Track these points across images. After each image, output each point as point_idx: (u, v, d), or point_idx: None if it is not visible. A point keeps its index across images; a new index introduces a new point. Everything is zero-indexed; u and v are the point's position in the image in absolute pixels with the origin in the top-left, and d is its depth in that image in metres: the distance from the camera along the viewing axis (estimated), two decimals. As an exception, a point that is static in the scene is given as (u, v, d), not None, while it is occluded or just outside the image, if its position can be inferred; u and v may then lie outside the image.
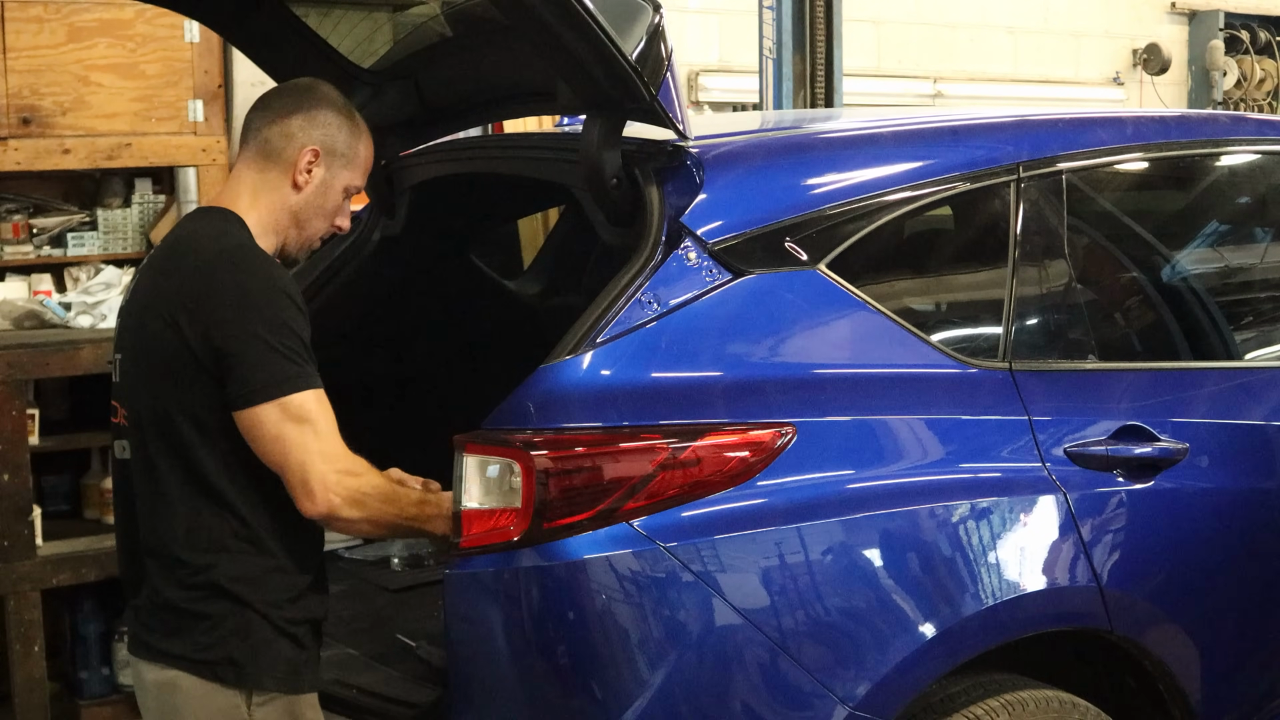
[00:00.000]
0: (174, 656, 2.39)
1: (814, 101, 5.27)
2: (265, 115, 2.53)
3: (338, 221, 2.60)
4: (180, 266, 2.41)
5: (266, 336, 2.32)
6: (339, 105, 2.57)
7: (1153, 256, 3.18)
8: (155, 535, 2.41)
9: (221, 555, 2.37)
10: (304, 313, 2.40)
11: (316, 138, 2.51)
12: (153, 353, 2.39)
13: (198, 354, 2.33)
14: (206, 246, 2.41)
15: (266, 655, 2.38)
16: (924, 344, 2.61)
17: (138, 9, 4.56)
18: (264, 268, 2.40)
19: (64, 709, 4.46)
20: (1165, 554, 2.75)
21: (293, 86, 2.60)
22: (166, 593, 2.40)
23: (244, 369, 2.31)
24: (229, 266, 2.36)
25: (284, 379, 2.31)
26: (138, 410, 2.44)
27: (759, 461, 2.37)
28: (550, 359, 2.34)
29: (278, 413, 2.31)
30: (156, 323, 2.38)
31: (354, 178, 2.58)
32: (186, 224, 2.57)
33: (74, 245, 4.76)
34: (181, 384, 2.35)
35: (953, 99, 8.27)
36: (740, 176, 2.60)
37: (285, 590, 2.41)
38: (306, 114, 2.52)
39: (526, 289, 3.97)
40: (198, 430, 2.36)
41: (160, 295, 2.40)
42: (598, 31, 2.31)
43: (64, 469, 4.66)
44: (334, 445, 2.34)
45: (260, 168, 2.51)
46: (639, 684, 2.30)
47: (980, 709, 2.55)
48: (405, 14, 3.02)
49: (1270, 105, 9.84)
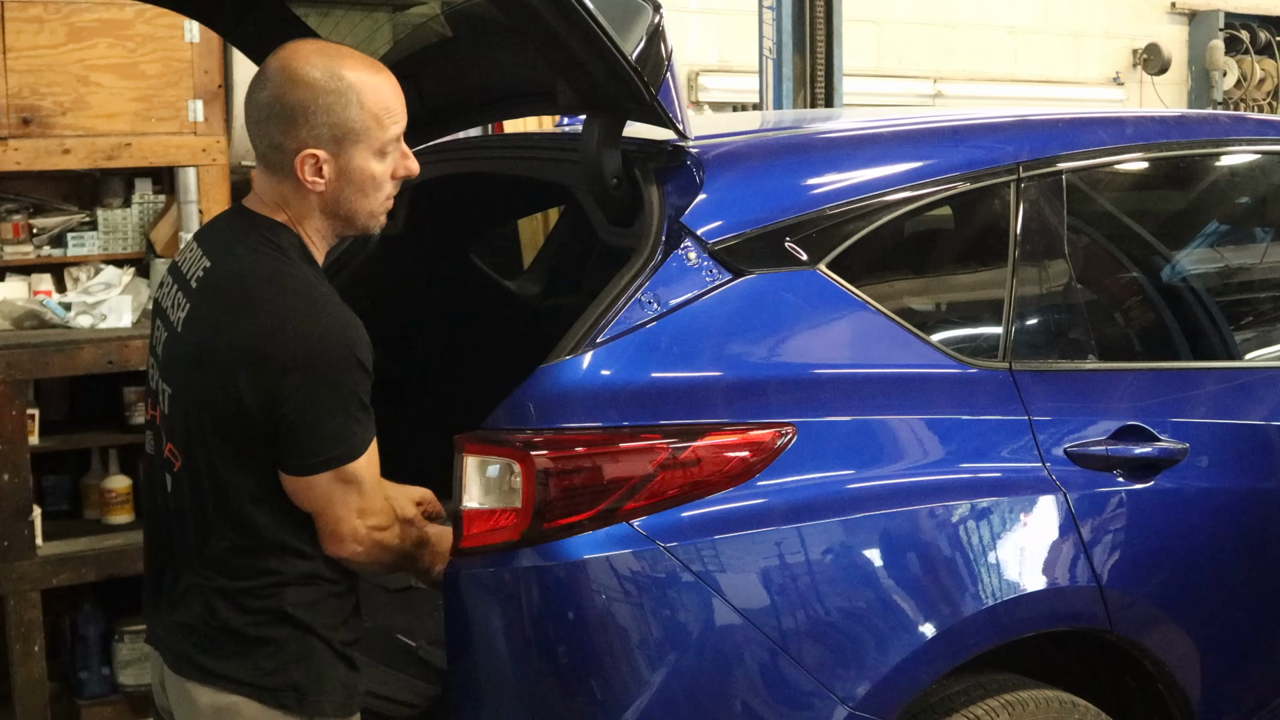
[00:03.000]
0: (234, 680, 2.31)
1: (814, 101, 5.27)
2: (250, 127, 2.31)
3: (398, 172, 2.34)
4: (239, 318, 2.22)
5: (335, 404, 2.22)
6: (310, 80, 2.23)
7: (1153, 256, 3.18)
8: (213, 562, 2.33)
9: (284, 582, 2.31)
10: (369, 361, 2.25)
11: (305, 139, 2.25)
12: (207, 405, 2.26)
13: (256, 418, 2.21)
14: (269, 295, 2.22)
15: (327, 680, 2.34)
16: (924, 344, 2.61)
17: (138, 9, 4.56)
18: (329, 321, 2.22)
19: (64, 709, 4.47)
20: (1165, 554, 2.75)
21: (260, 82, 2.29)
22: (225, 615, 2.31)
23: (303, 439, 2.22)
24: (297, 317, 2.20)
25: (342, 451, 2.25)
26: (190, 453, 2.32)
27: (759, 461, 2.37)
28: (550, 359, 2.34)
29: (330, 478, 2.26)
30: (213, 376, 2.23)
31: (381, 134, 2.29)
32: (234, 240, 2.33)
33: (74, 245, 4.76)
34: (236, 442, 2.26)
35: (953, 99, 8.27)
36: (740, 176, 2.60)
37: (339, 613, 2.38)
38: (285, 118, 2.24)
39: (526, 289, 3.97)
40: (256, 482, 2.27)
41: (217, 353, 2.23)
42: (598, 31, 2.31)
43: (64, 469, 4.66)
44: (373, 501, 2.32)
45: (274, 181, 2.32)
46: (639, 684, 2.30)
47: (980, 709, 2.55)
48: (405, 14, 3.02)
49: (1270, 105, 9.84)
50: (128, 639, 4.47)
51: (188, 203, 4.72)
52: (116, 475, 4.60)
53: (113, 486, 4.57)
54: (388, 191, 2.36)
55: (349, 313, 2.28)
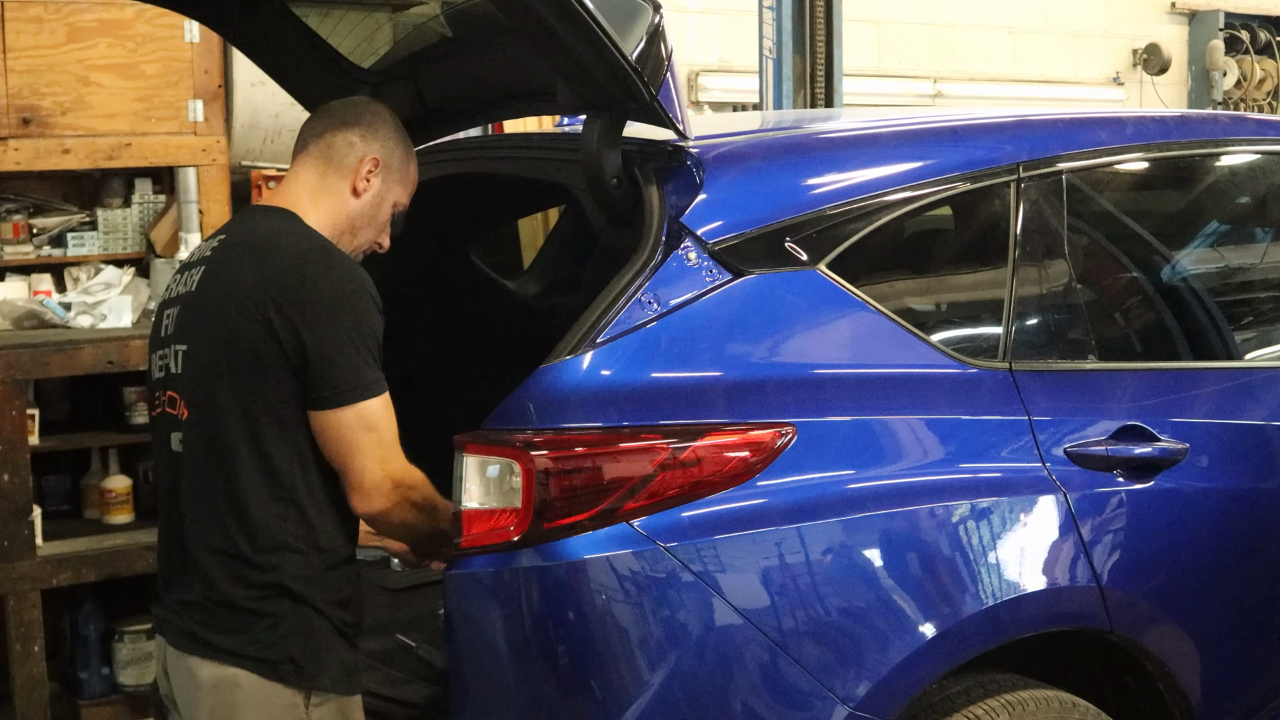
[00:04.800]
0: (233, 654, 2.39)
1: (814, 101, 5.27)
2: (328, 122, 2.61)
3: (382, 238, 2.67)
4: (268, 259, 2.41)
5: (355, 339, 2.38)
6: (396, 124, 2.67)
7: (1153, 257, 3.18)
8: (215, 530, 2.40)
9: (286, 554, 2.38)
10: (382, 315, 2.45)
11: (376, 149, 2.60)
12: (234, 346, 2.38)
13: (286, 349, 2.35)
14: (294, 241, 2.45)
15: (325, 656, 2.40)
16: (924, 344, 2.61)
17: (138, 9, 4.56)
18: (351, 267, 2.46)
19: (64, 709, 4.47)
20: (1165, 554, 2.75)
21: (354, 101, 2.72)
22: (226, 589, 2.39)
23: (329, 370, 2.36)
24: (320, 262, 2.41)
25: (365, 384, 2.38)
26: (205, 403, 2.43)
27: (759, 461, 2.37)
28: (550, 359, 2.34)
29: (354, 417, 2.37)
30: (242, 314, 2.37)
31: (403, 195, 2.67)
32: (256, 220, 2.60)
33: (74, 245, 4.76)
34: (265, 379, 2.37)
35: (953, 99, 8.27)
36: (740, 176, 2.60)
37: (340, 590, 2.44)
38: (368, 126, 2.61)
39: (526, 289, 3.97)
40: (277, 425, 2.38)
41: (246, 287, 2.39)
42: (598, 31, 2.31)
43: (64, 469, 4.67)
44: (394, 451, 2.42)
45: (321, 171, 2.57)
46: (639, 684, 2.30)
47: (980, 709, 2.55)
48: (405, 14, 3.02)
49: (1270, 105, 9.84)
50: (128, 639, 4.48)
51: (188, 203, 4.72)
52: (116, 475, 4.60)
53: (113, 486, 4.57)
54: (374, 239, 2.65)
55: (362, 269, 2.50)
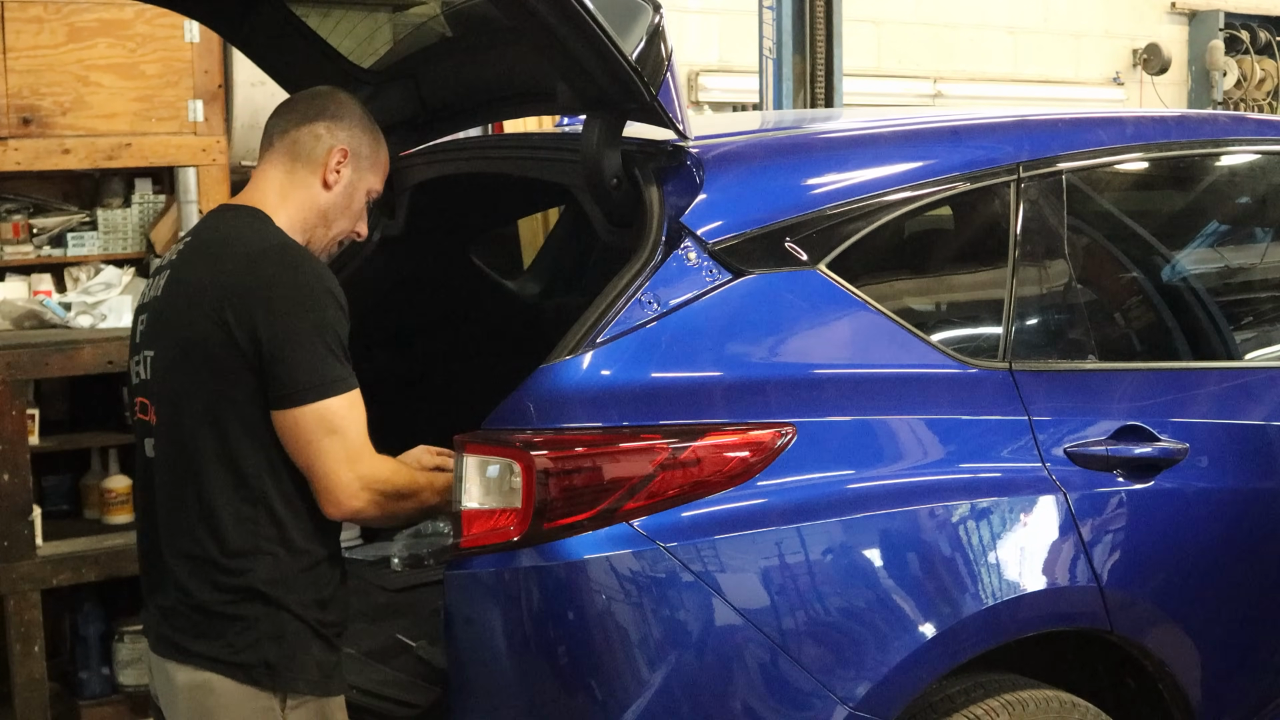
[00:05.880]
0: (208, 659, 2.38)
1: (814, 101, 5.27)
2: (291, 118, 2.59)
3: (358, 226, 2.65)
4: (225, 260, 2.41)
5: (312, 335, 2.35)
6: (362, 112, 2.64)
7: (1153, 257, 3.18)
8: (186, 535, 2.40)
9: (257, 557, 2.37)
10: (345, 312, 2.42)
11: (344, 139, 2.57)
12: (197, 348, 2.38)
13: (244, 349, 2.34)
14: (252, 241, 2.43)
15: (300, 658, 2.39)
16: (924, 344, 2.61)
17: (138, 9, 4.56)
18: (310, 264, 2.44)
19: (64, 709, 4.46)
20: (1165, 554, 2.75)
21: (315, 92, 2.66)
22: (199, 594, 2.39)
23: (288, 368, 2.34)
24: (277, 262, 2.39)
25: (326, 381, 2.35)
26: (171, 408, 2.43)
27: (759, 461, 2.37)
28: (550, 359, 2.34)
29: (313, 416, 2.34)
30: (201, 317, 2.37)
31: (376, 182, 2.65)
32: (219, 221, 2.57)
33: (74, 245, 4.76)
34: (227, 380, 2.36)
35: (953, 99, 8.27)
36: (740, 176, 2.60)
37: (316, 591, 2.42)
38: (334, 117, 2.59)
39: (526, 289, 3.97)
40: (244, 427, 2.37)
41: (204, 289, 2.39)
42: (598, 31, 2.31)
43: (64, 469, 4.66)
44: (360, 449, 2.39)
45: (288, 167, 2.56)
46: (639, 684, 2.30)
47: (980, 709, 2.55)
48: (405, 14, 3.02)
49: (1270, 105, 9.84)
50: (128, 639, 4.47)
51: (188, 203, 4.72)
52: (116, 475, 4.60)
53: (113, 486, 4.57)
54: (350, 229, 2.64)
55: (325, 266, 2.50)
